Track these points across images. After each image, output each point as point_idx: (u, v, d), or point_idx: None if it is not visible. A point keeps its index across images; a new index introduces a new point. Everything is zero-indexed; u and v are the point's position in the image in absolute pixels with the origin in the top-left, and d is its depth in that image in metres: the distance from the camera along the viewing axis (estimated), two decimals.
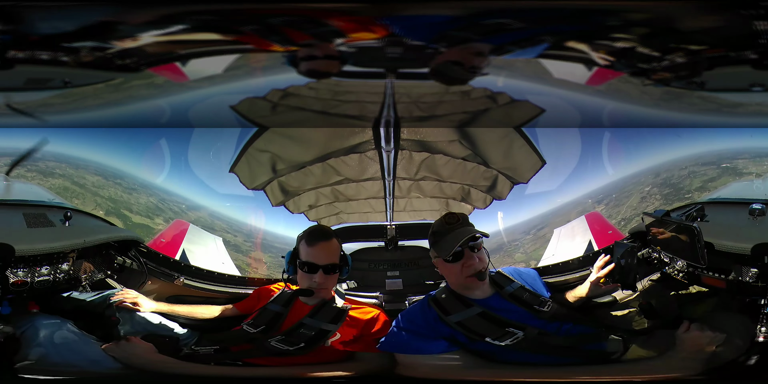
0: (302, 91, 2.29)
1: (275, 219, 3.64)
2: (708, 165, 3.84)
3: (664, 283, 2.21)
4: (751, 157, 3.26)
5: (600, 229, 3.30)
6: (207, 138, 3.07)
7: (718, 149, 3.50)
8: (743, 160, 3.43)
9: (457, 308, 1.88)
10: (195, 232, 3.55)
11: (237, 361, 1.97)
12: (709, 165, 3.82)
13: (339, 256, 2.05)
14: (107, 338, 1.94)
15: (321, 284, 1.99)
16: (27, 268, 1.91)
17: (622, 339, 1.89)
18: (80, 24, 1.76)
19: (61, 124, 2.62)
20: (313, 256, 1.98)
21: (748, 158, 3.33)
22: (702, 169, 3.91)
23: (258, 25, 1.79)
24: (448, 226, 1.94)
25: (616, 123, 2.85)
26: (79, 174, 4.01)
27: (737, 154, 3.48)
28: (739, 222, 2.09)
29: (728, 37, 1.81)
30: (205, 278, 2.69)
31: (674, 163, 4.05)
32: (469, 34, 1.82)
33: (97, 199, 4.26)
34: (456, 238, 1.88)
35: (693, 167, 4.01)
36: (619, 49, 1.89)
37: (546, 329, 1.86)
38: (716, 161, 3.72)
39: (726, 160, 3.60)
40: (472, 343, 1.83)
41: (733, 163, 3.54)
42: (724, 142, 3.23)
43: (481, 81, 2.18)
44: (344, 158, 2.96)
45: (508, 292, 1.97)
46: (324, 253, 1.99)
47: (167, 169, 3.33)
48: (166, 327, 2.20)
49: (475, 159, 2.97)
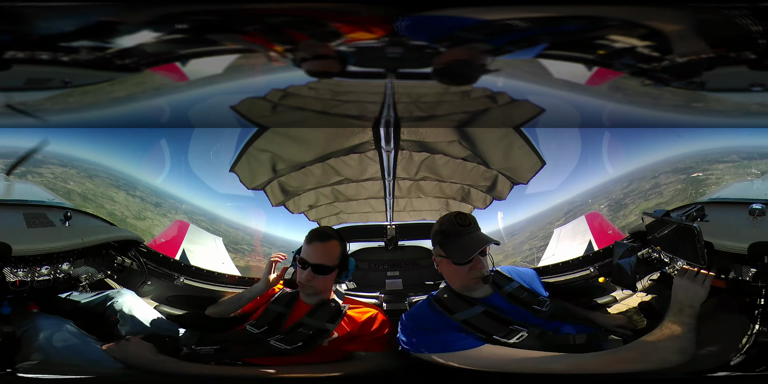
0: (302, 91, 2.29)
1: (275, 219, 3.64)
2: (708, 165, 3.84)
3: (664, 283, 2.21)
4: (751, 157, 3.26)
5: (600, 229, 3.30)
6: (207, 138, 3.07)
7: (719, 149, 3.50)
8: (743, 160, 3.43)
9: (461, 307, 1.88)
10: (195, 232, 3.55)
11: (237, 361, 1.97)
12: (709, 165, 3.82)
13: (334, 258, 2.05)
14: (107, 338, 1.94)
15: (306, 281, 2.02)
16: (27, 268, 1.91)
17: (622, 339, 1.89)
18: (80, 24, 1.76)
19: (61, 124, 2.62)
20: (306, 253, 2.05)
21: (748, 158, 3.33)
22: (702, 169, 3.91)
23: (258, 25, 1.79)
24: (461, 229, 1.91)
25: (616, 123, 2.85)
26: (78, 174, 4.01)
27: (737, 154, 3.48)
28: (739, 222, 2.10)
29: (728, 37, 1.81)
30: (205, 278, 2.70)
31: (674, 163, 4.05)
32: (469, 34, 1.82)
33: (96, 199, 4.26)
34: (472, 245, 1.87)
35: (693, 167, 4.01)
36: (619, 49, 1.89)
37: (545, 329, 1.86)
38: (716, 161, 3.72)
39: (726, 160, 3.60)
40: (485, 340, 1.81)
41: (732, 163, 3.54)
42: (724, 142, 3.23)
43: (481, 81, 2.18)
44: (344, 158, 2.96)
45: (507, 291, 1.97)
46: (316, 253, 2.03)
47: (167, 170, 3.33)
48: (166, 327, 2.21)
49: (475, 159, 2.97)
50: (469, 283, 1.90)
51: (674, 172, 3.86)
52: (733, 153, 3.40)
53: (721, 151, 3.47)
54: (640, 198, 3.95)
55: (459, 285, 1.93)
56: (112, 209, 4.12)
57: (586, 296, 2.47)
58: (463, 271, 1.89)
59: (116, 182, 4.00)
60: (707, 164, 3.63)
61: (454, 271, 1.91)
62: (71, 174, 3.53)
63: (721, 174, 3.49)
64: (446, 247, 1.92)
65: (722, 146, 3.37)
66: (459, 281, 1.92)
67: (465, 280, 1.90)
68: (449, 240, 1.92)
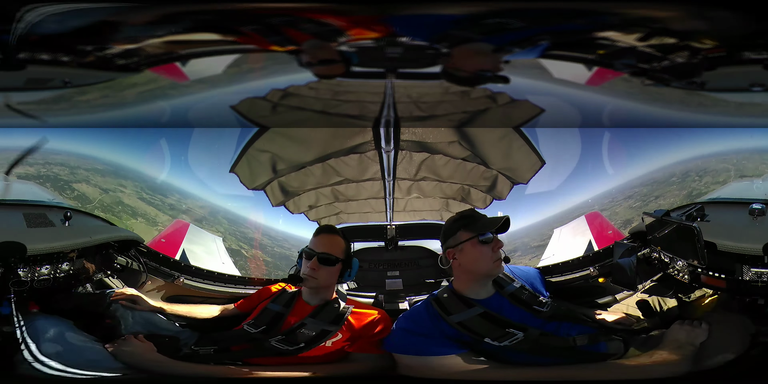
0: (302, 91, 2.30)
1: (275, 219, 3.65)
2: (708, 165, 3.84)
3: (664, 283, 2.21)
4: (751, 157, 3.26)
5: (600, 229, 3.30)
6: (207, 138, 3.07)
7: (718, 149, 3.50)
8: (743, 160, 3.43)
9: (459, 308, 1.87)
10: (195, 232, 3.55)
11: (237, 361, 1.97)
12: (709, 165, 3.82)
13: (340, 251, 2.07)
14: (107, 338, 1.94)
15: (312, 272, 2.02)
16: (27, 268, 1.91)
17: (623, 339, 1.89)
18: (80, 24, 1.76)
19: (61, 124, 2.62)
20: (313, 244, 2.08)
21: (749, 158, 3.33)
22: (702, 169, 3.91)
23: (258, 25, 1.79)
24: (476, 213, 1.99)
25: (616, 123, 2.85)
26: (78, 174, 4.01)
27: (737, 154, 3.48)
28: (739, 222, 2.09)
29: (728, 37, 1.81)
30: (205, 278, 2.70)
31: (674, 163, 4.06)
32: (469, 34, 1.82)
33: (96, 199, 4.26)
34: (496, 218, 1.92)
35: (693, 167, 4.01)
36: (619, 49, 1.89)
37: (544, 329, 1.86)
38: (716, 161, 3.72)
39: (726, 160, 3.60)
40: (477, 343, 1.82)
41: (733, 163, 3.54)
42: (724, 142, 3.23)
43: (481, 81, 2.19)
44: (344, 158, 2.96)
45: (509, 291, 1.97)
46: (322, 243, 2.06)
47: (167, 170, 3.33)
48: (166, 327, 2.20)
49: (474, 159, 2.97)
50: (493, 266, 1.90)
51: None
52: (733, 153, 3.40)
53: (721, 151, 3.48)
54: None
55: (482, 271, 1.92)
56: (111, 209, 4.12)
57: (586, 296, 2.47)
58: (488, 251, 1.89)
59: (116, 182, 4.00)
60: (707, 164, 3.63)
61: (479, 253, 1.90)
62: (71, 174, 3.53)
63: (721, 174, 3.49)
64: (471, 226, 1.94)
65: (722, 146, 3.37)
66: (484, 264, 1.90)
67: (490, 262, 1.89)
68: (472, 220, 1.95)
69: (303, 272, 2.05)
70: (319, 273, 2.03)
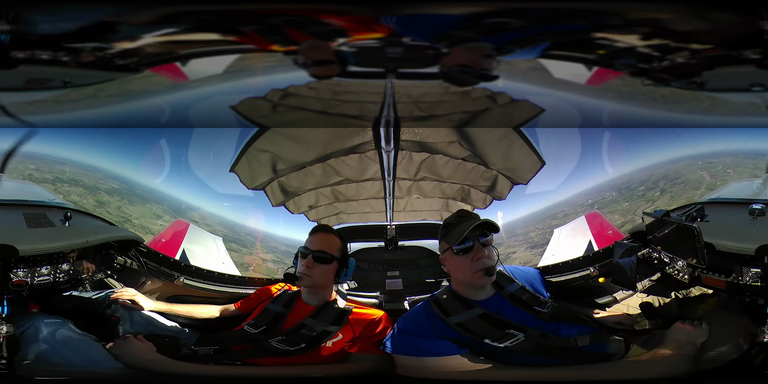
0: (302, 91, 2.30)
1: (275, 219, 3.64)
2: (708, 165, 3.84)
3: (664, 283, 2.21)
4: (750, 157, 3.26)
5: (600, 229, 3.30)
6: (207, 138, 3.07)
7: (718, 149, 3.50)
8: (743, 160, 3.43)
9: (458, 309, 1.86)
10: (195, 232, 3.54)
11: (237, 361, 1.97)
12: (709, 165, 3.82)
13: (335, 249, 2.08)
14: (107, 338, 1.94)
15: (307, 270, 2.03)
16: (27, 268, 1.91)
17: (623, 339, 1.89)
18: (80, 24, 1.76)
19: (61, 124, 2.62)
20: (308, 242, 2.09)
21: (748, 158, 3.33)
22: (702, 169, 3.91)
23: (258, 25, 1.79)
24: (459, 219, 1.91)
25: (616, 123, 2.85)
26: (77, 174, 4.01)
27: (737, 154, 3.48)
28: (739, 222, 2.09)
29: (728, 37, 1.81)
30: (205, 278, 2.69)
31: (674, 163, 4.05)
32: (469, 34, 1.82)
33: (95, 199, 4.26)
34: (466, 226, 1.85)
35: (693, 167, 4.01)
36: (619, 49, 1.89)
37: (545, 330, 1.85)
38: (716, 161, 3.72)
39: (725, 160, 3.60)
40: (477, 344, 1.82)
41: (732, 163, 3.54)
42: (724, 142, 3.23)
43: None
44: (344, 158, 2.96)
45: (509, 292, 1.96)
46: (318, 241, 2.08)
47: (167, 170, 3.33)
48: (166, 327, 2.20)
49: (474, 159, 2.97)
50: (472, 277, 1.84)
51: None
52: (733, 153, 3.40)
53: (721, 151, 3.47)
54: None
55: (463, 281, 1.89)
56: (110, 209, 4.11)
57: (586, 296, 2.47)
58: (466, 262, 1.84)
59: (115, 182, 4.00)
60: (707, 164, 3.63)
61: (458, 263, 1.87)
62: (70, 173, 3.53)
63: (720, 174, 3.49)
64: (446, 236, 1.92)
65: (722, 146, 3.37)
66: (463, 275, 1.87)
67: (468, 274, 1.84)
68: (449, 229, 1.92)
69: (298, 271, 2.05)
70: (314, 271, 2.03)
